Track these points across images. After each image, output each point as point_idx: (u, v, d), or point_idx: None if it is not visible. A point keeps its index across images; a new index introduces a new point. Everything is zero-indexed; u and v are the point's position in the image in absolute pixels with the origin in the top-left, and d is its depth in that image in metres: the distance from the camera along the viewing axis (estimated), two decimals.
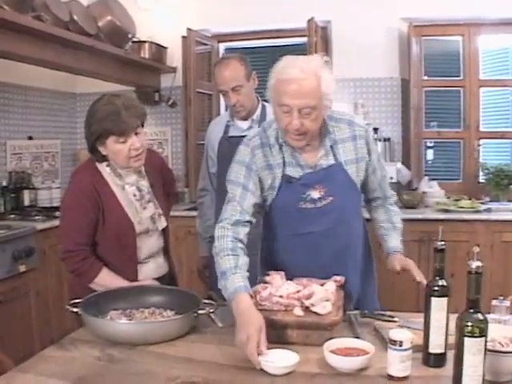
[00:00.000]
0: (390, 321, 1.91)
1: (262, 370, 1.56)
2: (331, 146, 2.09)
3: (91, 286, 2.15)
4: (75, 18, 3.76)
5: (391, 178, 4.31)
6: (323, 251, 2.11)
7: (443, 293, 1.56)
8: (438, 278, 1.58)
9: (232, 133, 2.93)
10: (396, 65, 4.80)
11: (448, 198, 4.42)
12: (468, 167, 4.81)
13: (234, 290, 1.79)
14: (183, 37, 4.84)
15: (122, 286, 2.10)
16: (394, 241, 2.29)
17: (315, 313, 1.71)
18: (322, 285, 1.86)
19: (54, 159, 5.05)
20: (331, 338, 1.65)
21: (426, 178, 4.69)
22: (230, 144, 2.79)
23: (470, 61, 4.74)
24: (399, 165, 4.51)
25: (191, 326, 1.81)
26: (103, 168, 2.23)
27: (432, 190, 4.55)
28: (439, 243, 1.59)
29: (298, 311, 1.71)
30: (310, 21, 4.44)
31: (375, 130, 4.62)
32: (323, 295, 1.73)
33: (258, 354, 1.58)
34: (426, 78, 4.85)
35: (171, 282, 2.43)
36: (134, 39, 4.61)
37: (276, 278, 1.84)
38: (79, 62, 3.97)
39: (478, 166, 4.72)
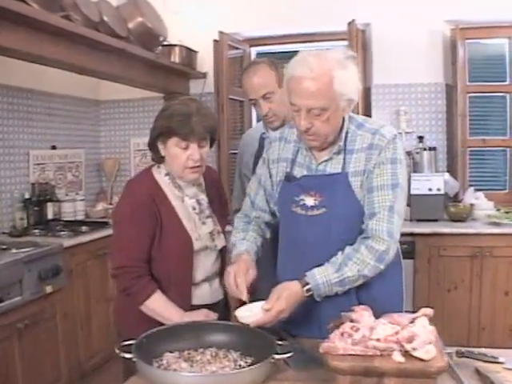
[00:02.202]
0: (493, 362, 1.62)
1: None
2: (344, 153, 1.88)
3: (141, 307, 1.94)
4: (105, 18, 3.49)
5: (438, 189, 4.02)
6: (308, 265, 1.81)
7: None
8: None
9: None
10: (440, 70, 4.50)
11: (498, 210, 4.13)
12: None
13: (238, 253, 1.94)
14: (215, 41, 4.58)
15: (176, 322, 1.84)
16: (318, 270, 1.80)
17: (417, 358, 1.42)
18: (412, 320, 1.57)
19: (77, 170, 4.79)
20: None
21: (472, 188, 4.39)
22: None
23: None
24: (447, 175, 4.20)
25: (267, 374, 1.50)
26: (161, 178, 2.05)
27: (478, 201, 4.25)
28: None
29: (398, 357, 1.41)
30: (351, 23, 4.18)
31: (420, 138, 4.34)
32: (426, 338, 1.44)
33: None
34: (468, 83, 4.56)
35: (225, 310, 2.20)
36: (165, 43, 4.35)
37: (364, 315, 1.55)
38: (108, 65, 3.69)
39: None
